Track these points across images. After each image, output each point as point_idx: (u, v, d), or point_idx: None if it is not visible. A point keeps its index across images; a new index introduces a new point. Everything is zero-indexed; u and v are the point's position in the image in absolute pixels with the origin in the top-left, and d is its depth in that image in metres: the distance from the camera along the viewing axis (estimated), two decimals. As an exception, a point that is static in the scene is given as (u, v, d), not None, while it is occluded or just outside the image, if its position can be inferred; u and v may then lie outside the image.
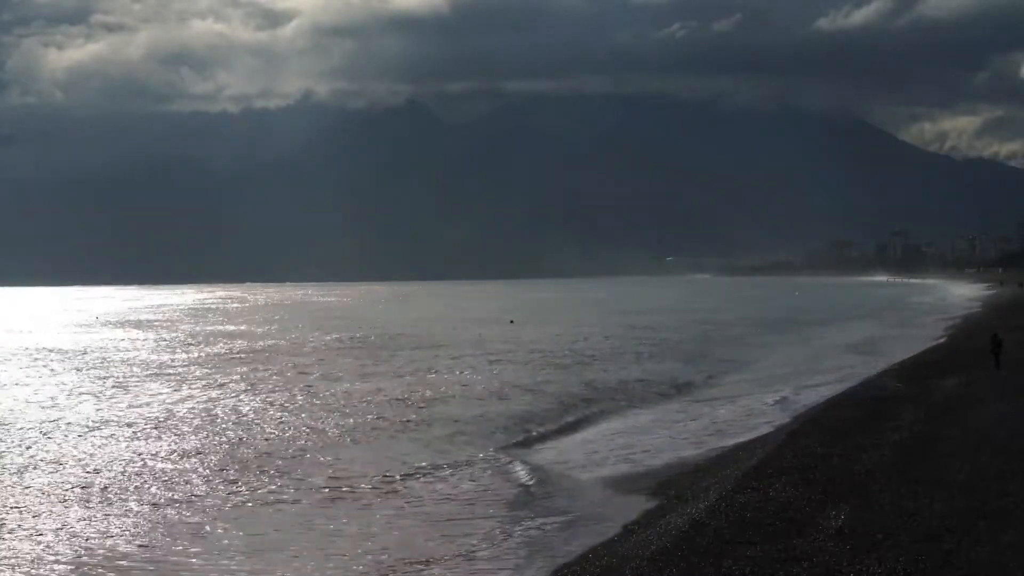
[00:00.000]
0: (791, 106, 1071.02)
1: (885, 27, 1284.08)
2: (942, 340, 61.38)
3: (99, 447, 29.89)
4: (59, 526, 20.74)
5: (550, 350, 65.55)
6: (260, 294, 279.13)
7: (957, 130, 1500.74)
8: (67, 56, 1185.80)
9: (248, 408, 38.59)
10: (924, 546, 15.10)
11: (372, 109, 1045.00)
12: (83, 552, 18.94)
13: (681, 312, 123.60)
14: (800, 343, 69.85)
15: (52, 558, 18.56)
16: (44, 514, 21.68)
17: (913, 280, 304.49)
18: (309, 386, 46.06)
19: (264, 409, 38.22)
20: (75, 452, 29.05)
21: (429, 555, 18.65)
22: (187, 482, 24.92)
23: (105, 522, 21.06)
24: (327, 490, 24.05)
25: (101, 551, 19.01)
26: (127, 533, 20.31)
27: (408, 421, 34.49)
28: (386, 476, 25.43)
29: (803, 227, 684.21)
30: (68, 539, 19.84)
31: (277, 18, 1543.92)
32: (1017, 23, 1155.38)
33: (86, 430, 33.06)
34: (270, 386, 46.24)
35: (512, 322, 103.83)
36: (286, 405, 39.38)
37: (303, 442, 30.72)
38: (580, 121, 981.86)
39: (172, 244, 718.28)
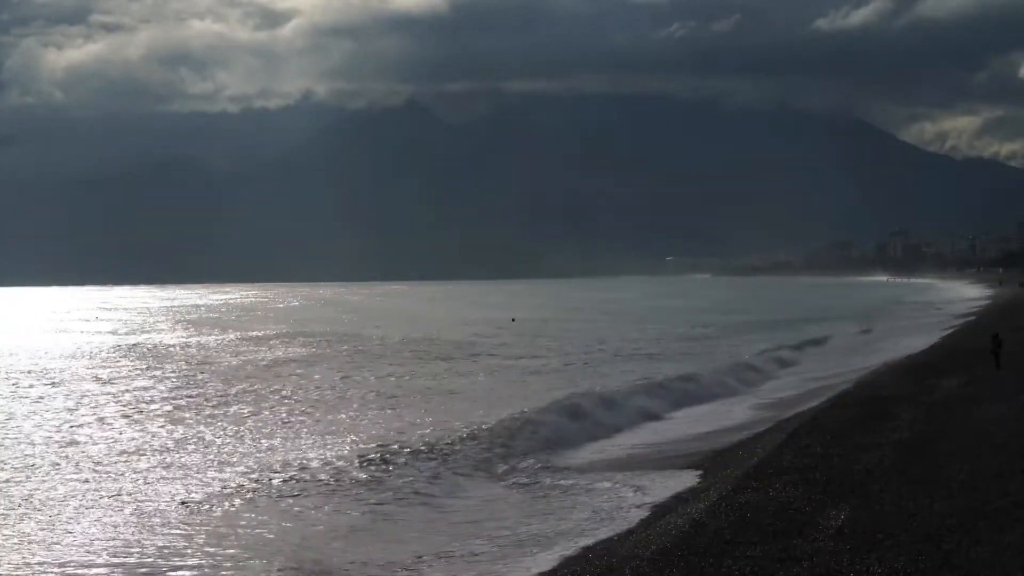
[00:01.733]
0: (791, 106, 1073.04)
1: (885, 27, 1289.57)
2: (942, 340, 61.41)
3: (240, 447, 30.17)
4: (226, 523, 20.87)
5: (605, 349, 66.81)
6: (274, 293, 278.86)
7: (957, 130, 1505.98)
8: (66, 56, 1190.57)
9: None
10: (924, 546, 15.10)
11: (371, 109, 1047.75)
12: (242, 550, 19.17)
13: (715, 312, 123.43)
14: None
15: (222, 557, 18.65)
16: (215, 513, 21.85)
17: (913, 280, 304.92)
18: (391, 382, 47.73)
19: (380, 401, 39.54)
20: (228, 450, 29.39)
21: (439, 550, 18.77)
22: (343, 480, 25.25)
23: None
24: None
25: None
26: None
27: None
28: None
29: (803, 227, 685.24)
30: (232, 536, 20.00)
31: (276, 18, 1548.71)
32: (1017, 23, 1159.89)
33: (229, 433, 33.05)
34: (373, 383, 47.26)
35: (513, 320, 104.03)
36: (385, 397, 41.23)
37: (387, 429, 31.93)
38: (580, 121, 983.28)
39: (172, 244, 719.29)
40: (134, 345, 74.95)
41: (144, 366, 57.78)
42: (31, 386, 47.45)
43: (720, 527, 17.06)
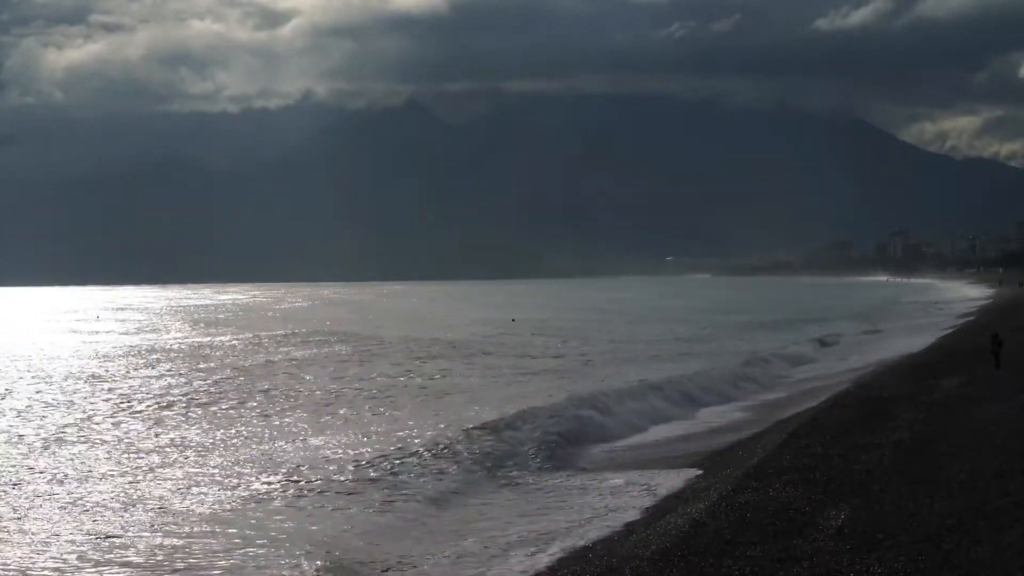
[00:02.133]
0: (791, 106, 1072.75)
1: (885, 27, 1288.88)
2: (942, 340, 61.43)
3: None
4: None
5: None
6: (277, 293, 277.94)
7: (957, 130, 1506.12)
8: (66, 56, 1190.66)
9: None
10: (924, 546, 15.12)
11: (371, 109, 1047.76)
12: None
13: (718, 312, 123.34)
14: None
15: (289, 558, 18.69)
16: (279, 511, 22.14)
17: (913, 280, 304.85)
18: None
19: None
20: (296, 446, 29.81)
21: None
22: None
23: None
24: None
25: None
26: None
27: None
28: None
29: (803, 227, 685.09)
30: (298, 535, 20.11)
31: (276, 18, 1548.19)
32: (1017, 23, 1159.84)
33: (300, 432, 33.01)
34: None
35: (514, 320, 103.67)
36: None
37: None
38: (579, 121, 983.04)
39: (172, 244, 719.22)
40: (148, 346, 74.48)
41: (159, 366, 57.45)
42: (68, 389, 47.37)
43: (720, 527, 17.08)
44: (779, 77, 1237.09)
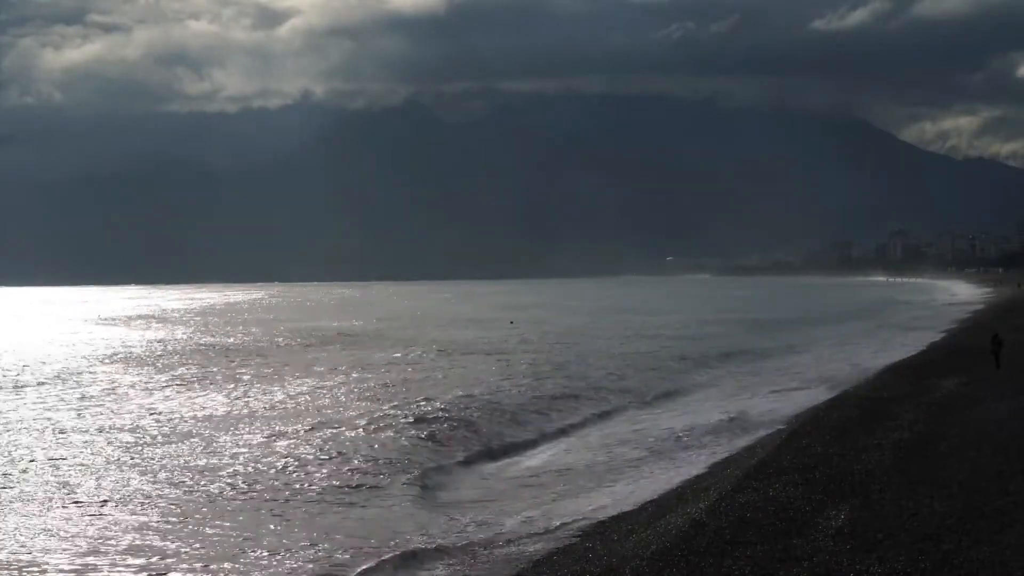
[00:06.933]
0: (790, 106, 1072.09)
1: (884, 27, 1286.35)
2: (942, 340, 61.42)
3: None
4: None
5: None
6: (287, 294, 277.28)
7: (957, 130, 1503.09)
8: (64, 56, 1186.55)
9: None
10: (924, 546, 15.11)
11: (370, 109, 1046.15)
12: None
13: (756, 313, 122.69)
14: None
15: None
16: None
17: (912, 280, 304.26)
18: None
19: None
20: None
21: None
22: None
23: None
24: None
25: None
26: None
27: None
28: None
29: (803, 227, 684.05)
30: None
31: (274, 18, 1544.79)
32: (1016, 23, 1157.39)
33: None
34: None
35: (512, 323, 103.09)
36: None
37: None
38: (578, 121, 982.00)
39: (171, 244, 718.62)
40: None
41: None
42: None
43: (720, 527, 17.06)
44: (778, 77, 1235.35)
